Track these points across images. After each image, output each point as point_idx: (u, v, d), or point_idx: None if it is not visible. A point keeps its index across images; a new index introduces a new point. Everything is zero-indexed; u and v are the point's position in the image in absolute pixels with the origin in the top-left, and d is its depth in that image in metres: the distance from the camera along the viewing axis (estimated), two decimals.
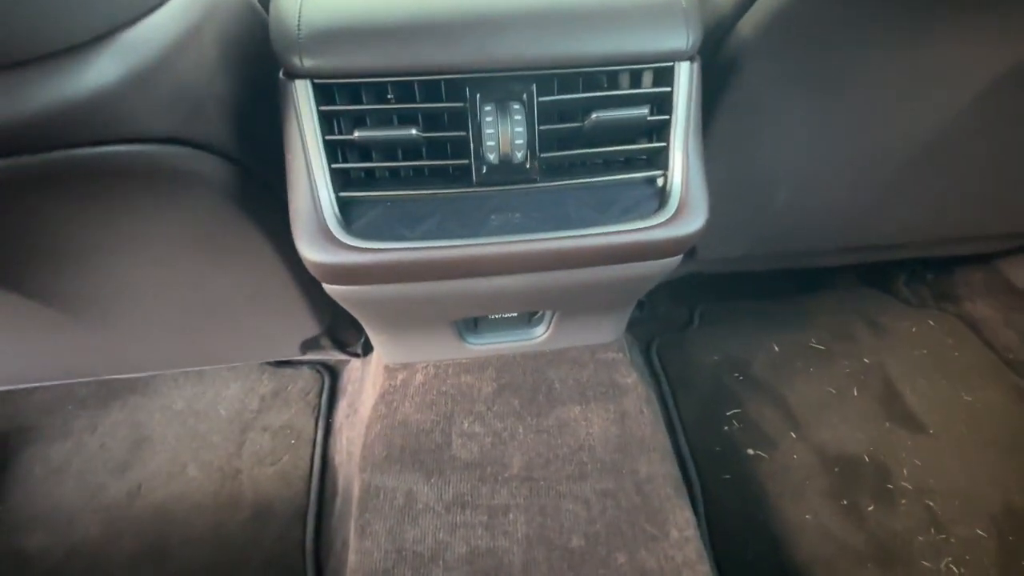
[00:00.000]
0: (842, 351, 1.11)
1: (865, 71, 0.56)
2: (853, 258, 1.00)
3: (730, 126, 0.60)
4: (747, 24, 0.51)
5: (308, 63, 0.41)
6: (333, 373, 1.08)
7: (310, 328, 0.75)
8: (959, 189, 0.78)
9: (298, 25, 0.41)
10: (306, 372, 1.08)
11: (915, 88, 0.59)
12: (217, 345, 0.80)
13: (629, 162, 0.49)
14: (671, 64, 0.46)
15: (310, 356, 0.94)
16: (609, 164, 0.49)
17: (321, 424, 1.00)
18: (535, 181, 0.47)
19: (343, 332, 0.88)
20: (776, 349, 1.12)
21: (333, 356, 1.00)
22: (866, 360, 1.10)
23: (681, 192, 0.48)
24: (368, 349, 0.96)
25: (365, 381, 0.98)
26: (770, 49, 0.52)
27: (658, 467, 0.70)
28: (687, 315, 1.17)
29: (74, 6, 0.33)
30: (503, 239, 0.46)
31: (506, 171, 0.46)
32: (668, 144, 0.47)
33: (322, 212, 0.44)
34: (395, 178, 0.48)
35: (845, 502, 0.90)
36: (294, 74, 0.43)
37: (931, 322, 1.16)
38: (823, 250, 0.92)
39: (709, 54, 0.52)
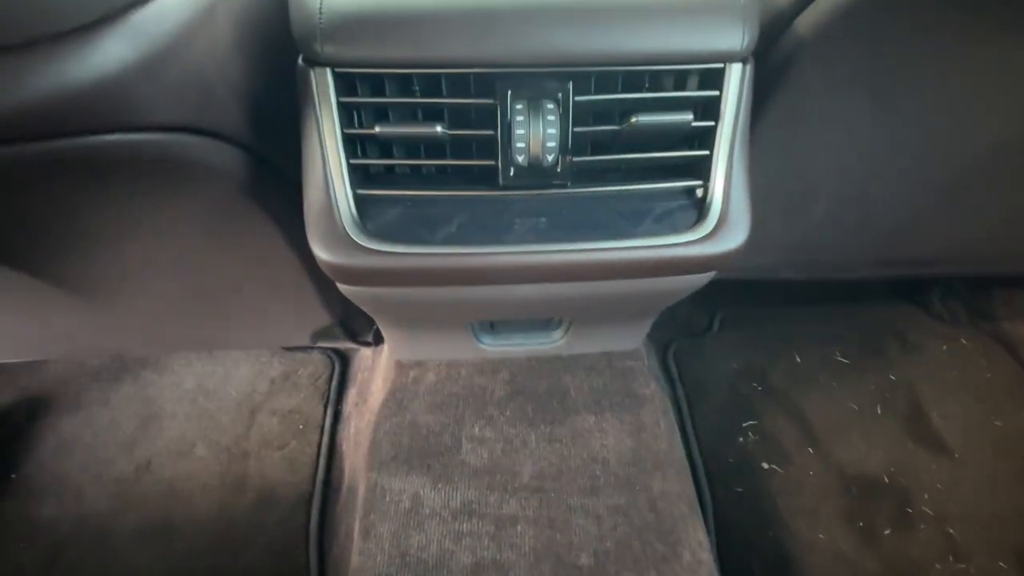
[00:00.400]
0: (868, 366, 1.07)
1: (931, 78, 0.51)
2: (888, 272, 0.95)
3: (773, 130, 0.55)
4: (805, 22, 0.47)
5: (329, 51, 0.38)
6: (344, 359, 1.06)
7: (322, 318, 0.74)
8: (1016, 208, 0.73)
9: (320, 9, 0.37)
10: (316, 357, 1.07)
11: (982, 98, 0.54)
12: (228, 330, 0.78)
13: (667, 170, 0.46)
14: (722, 66, 0.42)
15: (321, 344, 0.92)
16: (645, 171, 0.46)
17: (330, 411, 1.00)
18: (565, 186, 0.44)
19: (355, 322, 0.86)
20: (798, 360, 1.08)
21: (344, 345, 0.98)
22: (893, 377, 1.05)
23: (722, 205, 0.44)
24: (380, 339, 0.95)
25: (375, 371, 0.96)
26: (828, 51, 0.48)
27: (673, 484, 0.68)
28: (707, 320, 1.14)
29: None
30: (527, 248, 0.43)
31: (535, 174, 0.43)
32: (712, 153, 0.44)
33: (338, 210, 0.42)
34: (416, 176, 0.45)
35: (861, 524, 0.87)
36: (314, 61, 0.40)
37: (964, 341, 1.11)
38: (857, 262, 0.87)
39: (760, 53, 0.48)
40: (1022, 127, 0.58)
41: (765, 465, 0.93)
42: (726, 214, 0.44)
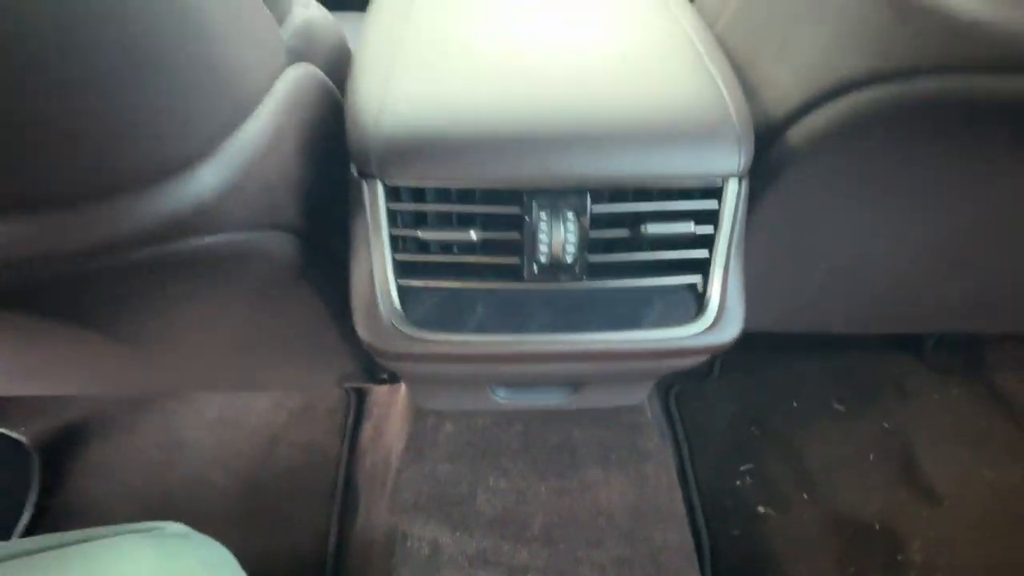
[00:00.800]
0: (863, 413, 1.11)
1: (927, 179, 0.56)
2: (884, 328, 1.00)
3: (768, 218, 0.60)
4: (797, 134, 0.51)
5: (382, 170, 0.44)
6: (360, 394, 1.11)
7: (348, 366, 0.79)
8: (1009, 274, 0.77)
9: (375, 135, 0.43)
10: (334, 391, 1.12)
11: (976, 195, 0.58)
12: (258, 376, 0.83)
13: (671, 266, 0.51)
14: (721, 182, 0.47)
15: (344, 385, 0.97)
16: (651, 266, 0.51)
17: (346, 444, 1.04)
18: (581, 280, 0.49)
19: (378, 367, 0.91)
20: (795, 405, 1.12)
21: (365, 384, 1.03)
22: (886, 425, 1.09)
23: (719, 301, 0.49)
24: (396, 378, 0.99)
25: (392, 408, 1.01)
26: (820, 160, 0.53)
27: (673, 536, 0.72)
28: (708, 364, 1.18)
29: (186, 127, 0.35)
30: (547, 338, 0.48)
31: (555, 271, 0.48)
32: (711, 254, 0.49)
33: (382, 302, 0.47)
34: (450, 268, 0.50)
35: (852, 570, 0.91)
36: (367, 174, 0.45)
37: (957, 391, 1.15)
38: (854, 322, 0.92)
39: (755, 158, 0.53)
40: (1015, 209, 0.62)
41: (761, 509, 0.97)
42: (723, 309, 0.49)
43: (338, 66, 0.56)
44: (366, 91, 0.45)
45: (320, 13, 0.52)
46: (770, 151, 0.53)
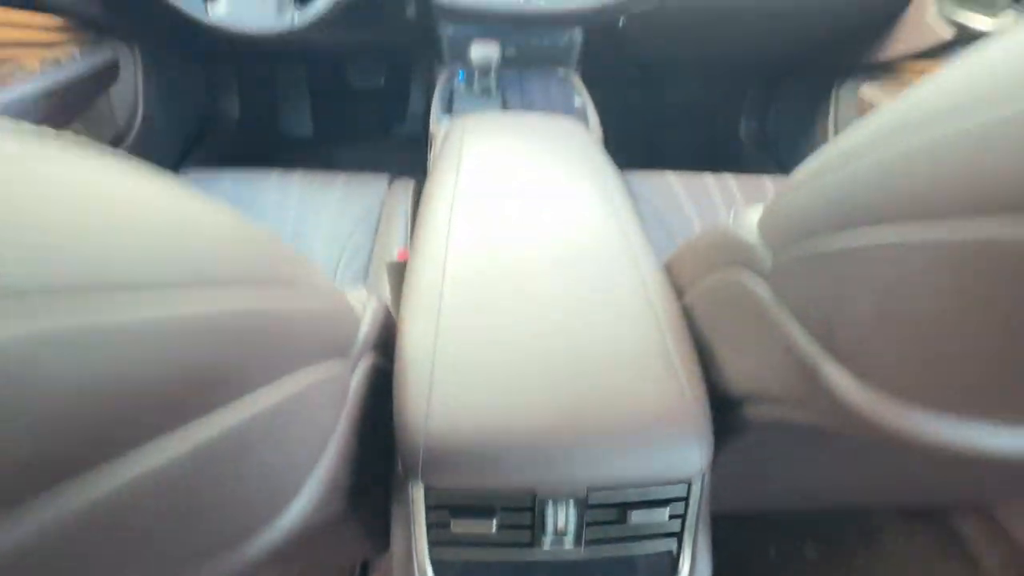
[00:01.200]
0: (835, 561, 1.20)
1: (848, 444, 0.68)
2: (847, 505, 1.11)
3: (724, 450, 0.71)
4: (745, 412, 0.64)
5: (426, 479, 0.55)
6: None
7: (366, 553, 0.87)
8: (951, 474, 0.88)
9: (423, 453, 0.55)
10: None
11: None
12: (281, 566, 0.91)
13: (650, 536, 0.63)
14: (688, 477, 0.59)
15: None
16: (635, 537, 0.63)
17: None
18: (580, 548, 0.60)
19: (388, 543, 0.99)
20: (772, 554, 1.22)
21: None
22: (856, 572, 1.19)
23: (689, 567, 0.61)
24: None
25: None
26: (764, 430, 0.65)
27: None
28: None
29: (275, 494, 0.46)
30: None
31: (560, 543, 0.59)
32: (682, 527, 0.61)
33: (420, 571, 0.58)
34: (473, 543, 0.61)
35: None
36: (411, 476, 0.57)
37: (920, 534, 1.25)
38: (814, 504, 1.02)
39: (713, 418, 0.64)
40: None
41: None
42: (692, 571, 0.60)
43: (384, 339, 0.67)
44: (412, 408, 0.57)
45: (372, 307, 0.64)
46: (727, 415, 0.66)
